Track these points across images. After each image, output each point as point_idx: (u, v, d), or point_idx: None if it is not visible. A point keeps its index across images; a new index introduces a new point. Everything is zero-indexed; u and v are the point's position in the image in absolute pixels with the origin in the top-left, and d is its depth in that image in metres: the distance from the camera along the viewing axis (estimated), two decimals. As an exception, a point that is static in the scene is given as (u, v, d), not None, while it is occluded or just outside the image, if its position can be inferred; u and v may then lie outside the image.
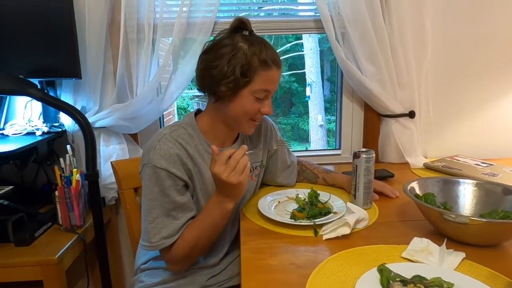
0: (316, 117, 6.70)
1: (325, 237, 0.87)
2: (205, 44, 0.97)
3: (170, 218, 0.90)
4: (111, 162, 1.18)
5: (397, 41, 1.39)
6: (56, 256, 1.08)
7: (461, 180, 0.98)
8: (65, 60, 1.27)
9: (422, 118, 1.52)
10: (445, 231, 0.84)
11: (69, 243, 1.15)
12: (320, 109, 6.70)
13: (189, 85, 1.47)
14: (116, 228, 1.61)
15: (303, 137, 7.44)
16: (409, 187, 0.94)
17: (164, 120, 1.69)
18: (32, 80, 1.17)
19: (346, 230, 0.87)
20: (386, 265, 0.69)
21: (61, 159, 1.27)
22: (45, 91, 1.39)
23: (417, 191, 0.95)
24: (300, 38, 6.73)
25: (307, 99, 6.88)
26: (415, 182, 0.97)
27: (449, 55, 1.53)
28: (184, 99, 6.45)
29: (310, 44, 6.46)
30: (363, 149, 1.04)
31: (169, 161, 0.89)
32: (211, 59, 0.91)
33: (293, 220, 0.95)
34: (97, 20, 1.31)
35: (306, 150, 1.97)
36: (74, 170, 1.22)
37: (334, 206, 1.03)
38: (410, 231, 0.89)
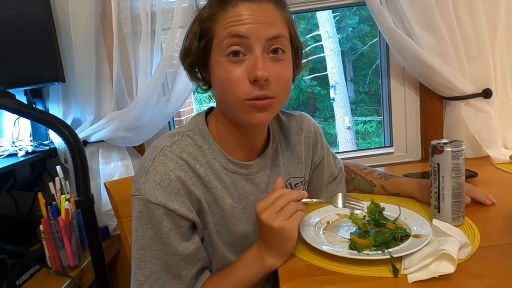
0: (343, 119, 6.39)
1: (411, 278, 0.56)
2: None
3: (169, 276, 0.63)
4: (104, 184, 0.92)
5: (460, 1, 1.07)
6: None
7: None
8: (44, 64, 1.04)
9: (500, 98, 1.17)
10: None
11: (59, 291, 0.90)
12: (346, 110, 6.36)
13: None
14: (128, 261, 1.35)
15: (331, 141, 7.12)
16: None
17: (175, 126, 1.43)
18: (15, 91, 0.96)
19: (448, 267, 0.55)
20: None
21: (51, 184, 1.04)
22: (31, 102, 1.17)
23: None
24: (320, 40, 6.45)
25: (331, 101, 6.59)
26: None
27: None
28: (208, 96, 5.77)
29: (330, 45, 6.21)
30: (445, 140, 0.73)
31: (168, 192, 0.62)
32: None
33: (355, 252, 0.64)
34: (83, 15, 1.09)
35: (349, 151, 1.65)
36: (62, 197, 0.98)
37: (411, 225, 0.72)
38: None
